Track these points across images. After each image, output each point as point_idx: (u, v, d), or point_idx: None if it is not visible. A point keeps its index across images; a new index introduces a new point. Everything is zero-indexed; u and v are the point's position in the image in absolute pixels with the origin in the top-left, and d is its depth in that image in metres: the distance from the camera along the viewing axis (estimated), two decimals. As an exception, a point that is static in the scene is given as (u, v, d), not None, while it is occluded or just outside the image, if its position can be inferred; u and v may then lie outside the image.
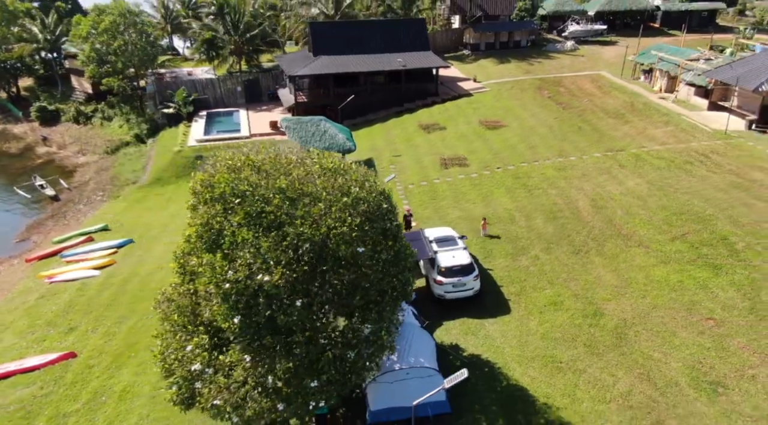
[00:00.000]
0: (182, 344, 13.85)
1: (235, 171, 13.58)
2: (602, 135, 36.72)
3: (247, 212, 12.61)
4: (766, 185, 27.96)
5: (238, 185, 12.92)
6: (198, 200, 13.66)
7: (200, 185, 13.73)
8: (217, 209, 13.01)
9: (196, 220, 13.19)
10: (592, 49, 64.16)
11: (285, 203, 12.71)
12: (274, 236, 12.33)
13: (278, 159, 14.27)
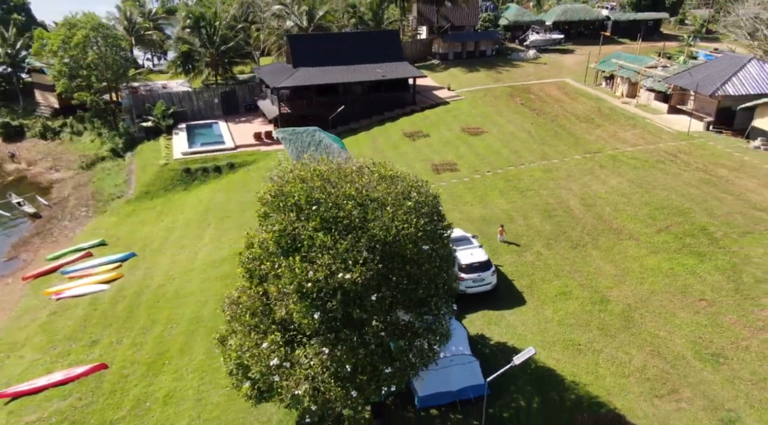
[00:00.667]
0: (256, 342, 14.89)
1: (306, 181, 14.77)
2: (578, 139, 39.45)
3: (323, 217, 13.88)
4: (731, 180, 31.06)
5: (313, 194, 14.15)
6: (270, 209, 14.74)
7: (270, 195, 14.83)
8: (291, 216, 14.16)
9: (271, 227, 14.24)
10: (552, 58, 67.72)
11: (356, 209, 14.05)
12: (350, 239, 13.64)
13: (341, 169, 15.52)
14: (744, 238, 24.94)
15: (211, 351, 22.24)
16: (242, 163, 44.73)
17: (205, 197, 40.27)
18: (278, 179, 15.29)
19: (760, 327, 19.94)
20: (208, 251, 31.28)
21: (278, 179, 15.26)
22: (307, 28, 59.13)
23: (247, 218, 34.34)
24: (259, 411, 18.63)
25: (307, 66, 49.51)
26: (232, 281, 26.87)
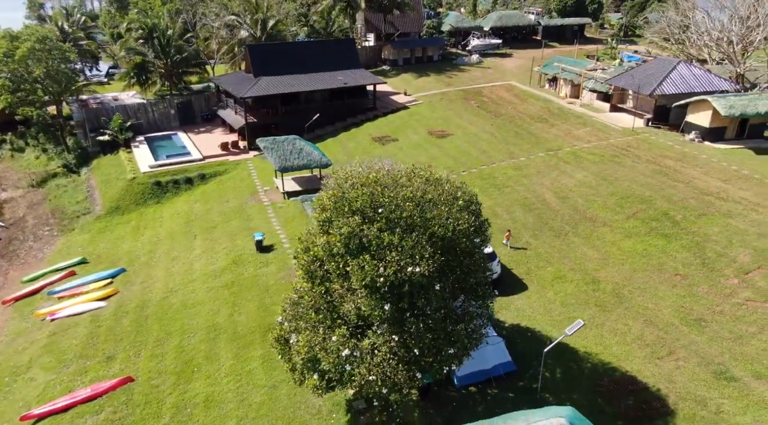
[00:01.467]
0: (324, 336, 16.14)
1: (366, 186, 16.20)
2: (538, 138, 42.73)
3: (388, 218, 15.42)
4: (678, 170, 35.09)
5: (378, 198, 15.64)
6: (332, 214, 16.04)
7: (332, 201, 16.16)
8: (357, 219, 15.56)
9: (338, 231, 15.55)
10: (494, 62, 71.65)
11: (416, 209, 15.68)
12: (415, 236, 15.26)
13: (392, 174, 17.08)
14: (700, 219, 28.59)
15: (239, 355, 23.09)
16: (213, 173, 44.79)
17: (183, 209, 40.17)
18: (337, 186, 16.61)
19: (728, 294, 23.31)
20: (204, 262, 31.60)
21: (337, 187, 16.59)
22: (260, 37, 59.52)
23: (235, 228, 35.05)
24: (306, 404, 19.82)
25: (269, 75, 50.13)
26: (239, 289, 27.76)
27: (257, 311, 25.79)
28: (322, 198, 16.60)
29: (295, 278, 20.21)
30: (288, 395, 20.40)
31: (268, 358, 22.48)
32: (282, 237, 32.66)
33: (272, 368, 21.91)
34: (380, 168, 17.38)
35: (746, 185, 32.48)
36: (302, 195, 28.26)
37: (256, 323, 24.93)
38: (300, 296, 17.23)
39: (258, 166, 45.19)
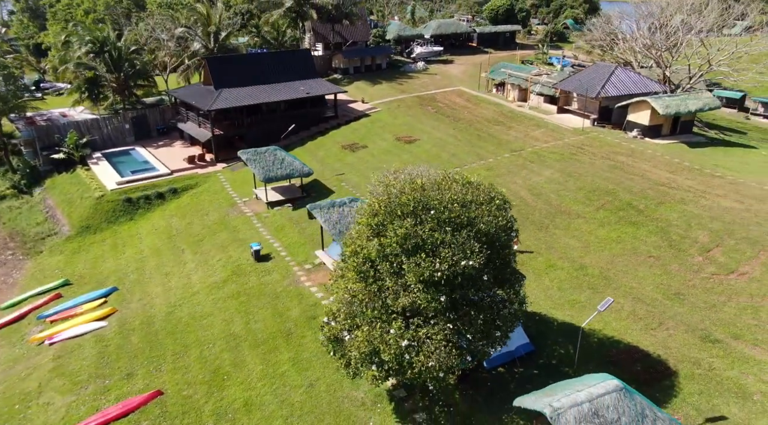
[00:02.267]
0: (382, 331, 17.58)
1: (415, 191, 17.82)
2: (499, 140, 45.78)
3: (439, 219, 17.15)
4: (631, 164, 39.05)
5: (428, 201, 17.33)
6: (385, 218, 17.55)
7: (383, 206, 17.67)
8: (410, 221, 17.17)
9: (393, 233, 17.07)
10: (439, 68, 74.90)
11: (462, 209, 17.50)
12: (464, 234, 17.08)
13: (433, 179, 18.79)
14: (660, 207, 32.27)
15: (267, 360, 23.91)
16: (185, 187, 44.54)
17: (161, 225, 39.83)
18: (385, 193, 18.12)
19: (696, 270, 26.79)
20: (201, 274, 31.85)
21: (384, 194, 18.10)
22: (213, 49, 59.33)
23: (224, 240, 35.43)
24: (348, 398, 21.08)
25: (229, 87, 50.33)
26: (247, 298, 28.45)
27: (273, 318, 26.61)
28: (374, 204, 18.07)
29: (330, 280, 21.39)
30: (327, 391, 21.56)
31: (298, 360, 23.51)
32: (276, 246, 33.44)
33: (304, 368, 22.96)
34: (420, 174, 19.03)
35: (690, 176, 36.78)
36: (310, 204, 29.26)
37: (275, 328, 25.78)
38: (352, 296, 18.52)
39: (230, 178, 45.40)
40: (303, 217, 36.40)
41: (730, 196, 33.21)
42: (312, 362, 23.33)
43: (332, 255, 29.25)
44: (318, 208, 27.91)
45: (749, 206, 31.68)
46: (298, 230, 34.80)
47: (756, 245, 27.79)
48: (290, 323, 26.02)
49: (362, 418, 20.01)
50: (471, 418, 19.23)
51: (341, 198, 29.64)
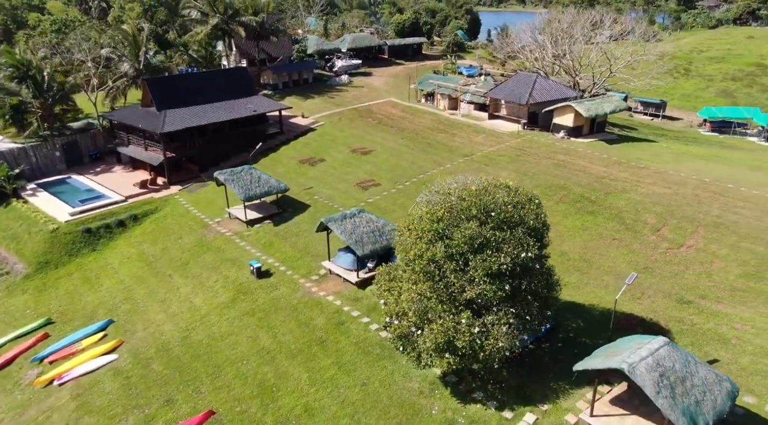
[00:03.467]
0: (454, 322, 19.92)
1: (472, 197, 20.39)
2: (448, 146, 49.51)
3: (500, 219, 19.91)
4: (570, 162, 44.38)
5: (487, 204, 20.00)
6: (451, 222, 19.95)
7: (445, 212, 20.08)
8: (474, 223, 19.76)
9: (461, 234, 19.54)
10: (362, 81, 77.87)
11: (513, 210, 20.39)
12: (520, 231, 19.98)
13: (483, 185, 21.46)
14: (609, 197, 37.48)
15: (310, 367, 25.15)
16: (144, 213, 43.39)
17: (132, 253, 38.73)
18: (445, 200, 20.53)
19: (654, 247, 31.89)
20: (202, 297, 31.92)
21: (444, 200, 20.51)
22: (141, 70, 57.60)
23: (212, 261, 35.60)
24: (405, 389, 23.06)
25: (173, 108, 49.53)
26: (264, 314, 29.39)
27: (299, 329, 27.77)
28: (438, 210, 20.41)
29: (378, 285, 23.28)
30: (382, 387, 23.40)
31: (341, 363, 25.03)
32: (271, 262, 34.27)
33: (350, 370, 24.56)
34: (471, 182, 21.65)
35: (621, 169, 42.73)
36: (325, 217, 30.58)
37: (305, 338, 27.00)
38: (421, 295, 20.67)
39: (191, 200, 44.88)
40: (289, 231, 37.50)
41: (659, 183, 39.30)
42: (356, 363, 24.97)
43: (341, 264, 30.88)
44: (332, 221, 29.45)
45: (676, 191, 37.80)
46: (289, 245, 35.83)
47: (693, 222, 33.57)
48: (319, 331, 27.37)
49: (426, 405, 22.14)
50: (522, 390, 22.09)
51: (350, 210, 31.33)
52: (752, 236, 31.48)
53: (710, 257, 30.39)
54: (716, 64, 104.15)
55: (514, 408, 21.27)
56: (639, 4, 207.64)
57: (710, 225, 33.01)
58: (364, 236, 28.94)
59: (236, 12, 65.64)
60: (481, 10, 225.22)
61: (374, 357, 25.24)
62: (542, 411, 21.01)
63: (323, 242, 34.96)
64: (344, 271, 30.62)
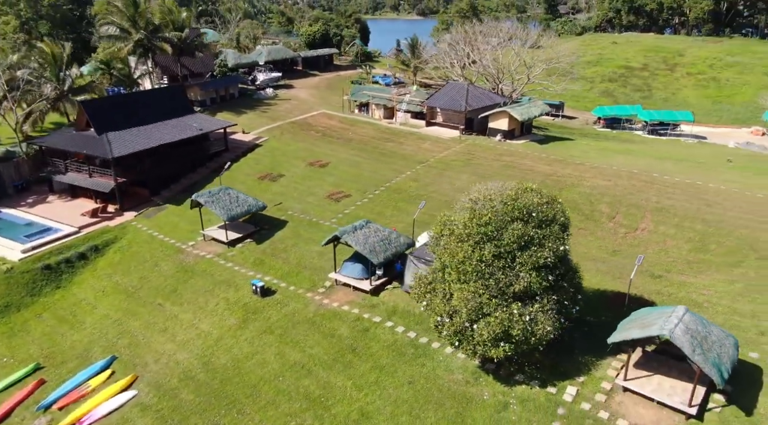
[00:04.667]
0: (507, 313, 22.28)
1: (513, 200, 22.85)
2: (401, 155, 51.94)
3: (540, 219, 22.61)
4: (518, 162, 48.69)
5: (528, 206, 22.59)
6: (500, 224, 22.29)
7: (492, 216, 22.41)
8: (520, 224, 22.29)
9: (510, 235, 21.97)
10: (287, 94, 78.33)
11: (548, 209, 23.17)
12: (556, 228, 22.81)
13: (514, 190, 23.97)
14: (563, 191, 41.94)
15: (350, 375, 26.28)
16: (105, 243, 41.16)
17: (106, 286, 36.79)
18: (488, 205, 22.81)
19: (614, 232, 36.55)
20: (210, 321, 31.50)
21: (488, 206, 22.79)
22: (65, 91, 53.95)
23: (203, 285, 35.25)
24: (451, 380, 25.01)
25: (113, 130, 47.26)
26: (283, 331, 30.02)
27: (326, 340, 28.65)
28: (485, 215, 22.65)
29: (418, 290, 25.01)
30: (429, 382, 25.16)
31: (380, 366, 26.43)
32: (268, 279, 34.49)
33: (392, 372, 26.03)
34: (504, 187, 24.13)
35: (562, 166, 47.74)
36: (339, 230, 31.37)
37: (336, 348, 27.99)
38: (473, 292, 22.77)
39: (152, 226, 43.23)
40: (276, 248, 37.80)
41: (599, 177, 44.62)
42: (395, 365, 26.49)
43: (350, 274, 32.05)
44: (346, 233, 30.55)
45: (616, 183, 43.24)
46: (281, 261, 36.19)
47: (640, 208, 38.83)
48: (347, 340, 28.47)
49: (476, 393, 24.27)
50: (556, 368, 24.93)
51: (358, 221, 32.45)
52: (689, 217, 37.20)
53: (662, 237, 35.55)
54: (593, 68, 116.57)
55: (556, 384, 24.06)
56: (513, 12, 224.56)
57: (654, 210, 38.40)
58: (376, 245, 30.43)
59: (157, 28, 63.43)
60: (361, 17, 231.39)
61: (410, 357, 26.90)
62: (580, 383, 24.01)
63: (317, 255, 35.98)
64: (354, 280, 31.84)
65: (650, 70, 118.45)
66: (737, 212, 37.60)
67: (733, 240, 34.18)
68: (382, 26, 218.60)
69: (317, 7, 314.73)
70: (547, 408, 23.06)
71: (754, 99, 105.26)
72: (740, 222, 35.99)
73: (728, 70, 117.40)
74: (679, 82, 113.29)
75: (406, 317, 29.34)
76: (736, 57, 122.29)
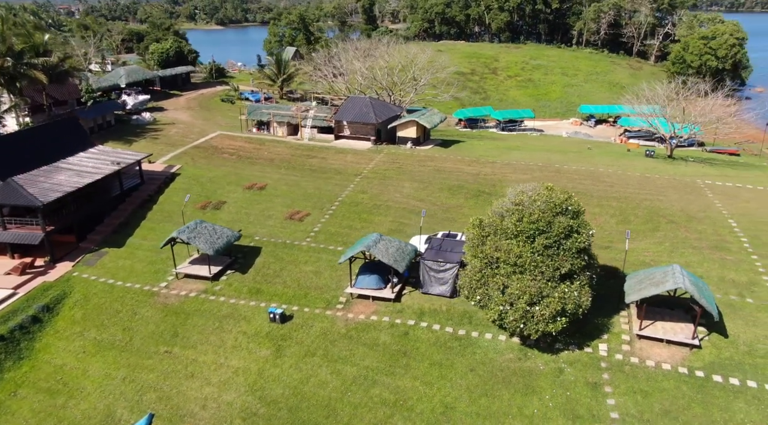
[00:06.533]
0: (561, 292, 26.74)
1: (550, 200, 27.30)
2: (334, 169, 53.67)
3: (572, 211, 27.45)
4: (444, 166, 53.77)
5: (564, 202, 27.28)
6: (550, 219, 26.61)
7: (540, 213, 26.69)
8: (562, 218, 26.91)
9: (558, 226, 26.45)
10: (165, 116, 74.47)
11: (575, 203, 28.10)
12: (583, 218, 27.87)
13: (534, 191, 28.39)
14: (496, 187, 47.91)
15: (414, 375, 28.70)
16: (55, 300, 36.67)
17: (84, 345, 33.18)
18: (533, 205, 26.97)
19: (555, 217, 43.37)
20: (239, 358, 30.81)
21: (534, 206, 26.97)
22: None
23: (205, 325, 34.55)
24: (503, 360, 28.76)
25: (17, 174, 41.81)
26: (325, 351, 31.47)
27: (371, 350, 30.32)
28: (534, 213, 26.78)
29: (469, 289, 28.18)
30: (486, 366, 28.58)
31: (437, 363, 29.19)
32: (274, 305, 34.53)
33: (449, 365, 28.95)
34: (535, 188, 28.46)
35: (481, 166, 54.05)
36: (364, 245, 32.73)
37: (386, 356, 29.89)
38: (532, 279, 26.77)
39: (101, 273, 39.44)
40: (267, 273, 37.73)
41: (518, 172, 51.69)
42: (450, 358, 29.42)
43: (368, 286, 33.83)
44: (370, 247, 32.24)
45: (533, 176, 50.64)
46: (281, 285, 36.30)
47: (563, 194, 46.35)
48: (393, 346, 30.55)
49: (531, 366, 28.39)
50: (583, 332, 30.04)
51: (372, 236, 34.09)
52: (604, 197, 45.69)
53: (593, 215, 43.25)
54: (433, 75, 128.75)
55: (589, 345, 29.25)
56: (335, 23, 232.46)
57: (578, 194, 46.07)
58: (396, 256, 32.77)
59: (20, 53, 56.13)
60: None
61: (458, 349, 30.03)
62: (606, 340, 29.51)
63: (313, 275, 37.15)
64: (372, 291, 33.72)
65: (479, 75, 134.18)
66: (634, 189, 47.21)
67: (644, 210, 43.18)
68: (197, 37, 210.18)
69: (117, 19, 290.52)
70: (593, 365, 28.11)
71: (564, 95, 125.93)
72: (640, 196, 45.44)
73: (536, 72, 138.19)
74: (504, 84, 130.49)
75: (436, 316, 32.28)
76: (537, 60, 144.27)
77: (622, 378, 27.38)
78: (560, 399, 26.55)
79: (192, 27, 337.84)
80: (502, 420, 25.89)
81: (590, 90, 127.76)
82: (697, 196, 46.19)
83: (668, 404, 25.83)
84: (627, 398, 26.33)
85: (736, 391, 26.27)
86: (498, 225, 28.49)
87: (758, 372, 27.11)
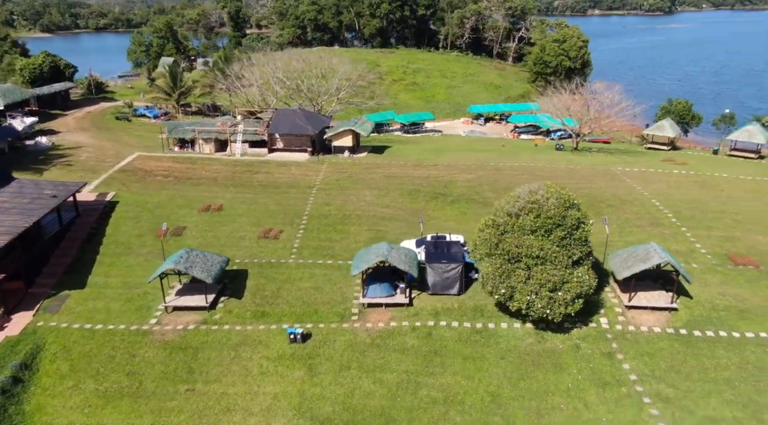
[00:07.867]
0: (576, 277, 30.26)
1: (559, 196, 30.59)
2: (287, 183, 53.16)
3: (578, 206, 31.10)
4: (393, 173, 55.76)
5: (570, 198, 30.76)
6: (564, 213, 29.90)
7: (555, 208, 29.95)
8: (573, 211, 30.40)
9: (571, 220, 29.88)
10: (63, 140, 68.33)
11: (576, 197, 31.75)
12: (585, 211, 31.64)
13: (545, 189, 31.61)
14: (449, 188, 51.12)
15: (453, 371, 30.61)
16: (30, 356, 32.85)
17: (87, 398, 30.24)
18: (547, 202, 30.09)
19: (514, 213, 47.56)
20: (271, 383, 30.22)
21: (548, 202, 30.09)
22: None
23: (217, 356, 33.88)
24: (524, 344, 31.72)
25: (-56, 219, 36.90)
26: (357, 364, 32.55)
27: (405, 355, 31.57)
28: (550, 209, 29.91)
29: (491, 287, 30.57)
30: (513, 352, 31.33)
31: (468, 357, 31.37)
32: (285, 327, 34.25)
33: (480, 357, 31.26)
34: (541, 186, 31.61)
35: (426, 169, 56.94)
36: (382, 253, 33.32)
37: (420, 359, 31.37)
38: (553, 268, 29.92)
39: (73, 319, 35.76)
40: (264, 295, 37.13)
41: (464, 173, 55.41)
42: (479, 351, 31.72)
43: (380, 294, 34.90)
44: (389, 256, 33.28)
45: (478, 174, 54.75)
46: (284, 305, 35.91)
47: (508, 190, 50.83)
48: (422, 348, 32.11)
49: (552, 347, 31.68)
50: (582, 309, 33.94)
51: (383, 246, 34.97)
52: (545, 189, 50.75)
53: (543, 206, 47.97)
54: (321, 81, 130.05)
55: (593, 320, 33.23)
56: (201, 32, 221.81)
57: (522, 189, 50.91)
58: (407, 261, 34.27)
59: None
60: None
61: (482, 341, 32.43)
62: (604, 314, 33.73)
63: (314, 291, 37.42)
64: (384, 299, 34.87)
65: (367, 80, 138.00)
66: (566, 179, 53.12)
67: (584, 198, 48.56)
68: (33, 46, 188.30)
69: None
70: (601, 337, 32.13)
71: (449, 96, 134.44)
72: (579, 186, 51.35)
73: (418, 75, 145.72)
74: (392, 88, 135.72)
75: (450, 314, 34.36)
76: (415, 64, 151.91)
77: (628, 345, 31.67)
78: (586, 372, 30.09)
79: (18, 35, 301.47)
80: (545, 398, 28.76)
81: (470, 91, 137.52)
82: (619, 182, 53.31)
83: (670, 360, 30.51)
84: (637, 361, 30.61)
85: (714, 341, 31.75)
86: (514, 223, 31.31)
87: (724, 323, 32.93)
